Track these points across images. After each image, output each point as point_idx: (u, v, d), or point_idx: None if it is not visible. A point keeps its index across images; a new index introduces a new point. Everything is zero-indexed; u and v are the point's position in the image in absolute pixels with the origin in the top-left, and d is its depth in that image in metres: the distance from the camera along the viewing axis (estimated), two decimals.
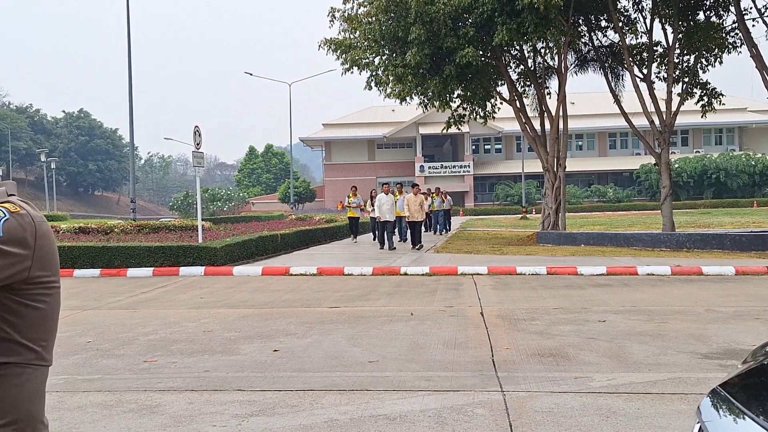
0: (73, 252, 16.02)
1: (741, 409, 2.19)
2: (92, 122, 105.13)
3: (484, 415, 5.01)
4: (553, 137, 23.27)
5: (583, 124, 64.64)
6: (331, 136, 71.19)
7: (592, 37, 23.66)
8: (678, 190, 56.00)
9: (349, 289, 12.19)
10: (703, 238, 17.98)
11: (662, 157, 21.19)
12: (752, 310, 9.18)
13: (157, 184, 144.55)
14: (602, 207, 58.12)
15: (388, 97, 23.12)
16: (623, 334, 7.77)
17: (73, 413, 5.33)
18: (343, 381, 6.03)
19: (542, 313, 9.25)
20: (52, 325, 1.79)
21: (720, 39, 21.81)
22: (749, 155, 59.25)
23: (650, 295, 10.88)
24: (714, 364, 6.32)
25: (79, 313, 10.30)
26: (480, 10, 19.05)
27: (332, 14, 22.14)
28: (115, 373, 6.56)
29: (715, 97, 22.43)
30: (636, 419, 4.83)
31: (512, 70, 24.87)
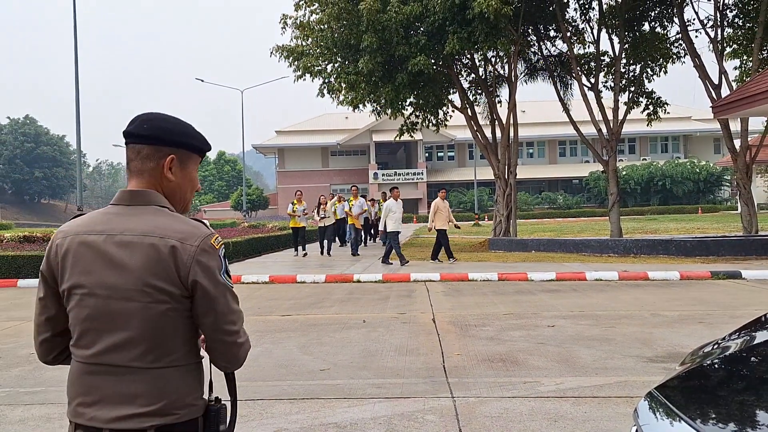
0: (17, 261, 15.67)
1: (676, 413, 2.24)
2: (38, 129, 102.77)
3: (435, 422, 5.03)
4: (504, 145, 23.52)
5: (534, 132, 65.43)
6: (284, 143, 70.80)
7: (542, 46, 23.99)
8: (625, 197, 57.01)
9: (301, 297, 12.14)
10: (650, 244, 18.36)
11: (610, 165, 21.57)
12: (696, 314, 9.40)
13: (106, 191, 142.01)
14: (553, 214, 58.89)
15: (341, 104, 23.12)
16: (572, 338, 7.89)
17: (15, 427, 5.20)
18: (294, 390, 6.00)
19: (493, 319, 9.34)
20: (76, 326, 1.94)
21: (665, 49, 22.33)
22: (694, 163, 60.67)
23: (598, 300, 11.07)
24: (659, 367, 6.45)
25: (22, 324, 10.05)
26: (431, 19, 19.18)
27: (284, 21, 22.07)
28: (59, 385, 6.39)
29: (660, 106, 22.92)
30: (583, 423, 4.91)
31: (464, 78, 25.07)
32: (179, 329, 1.90)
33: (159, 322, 1.87)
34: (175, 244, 1.87)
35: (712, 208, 55.71)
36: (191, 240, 1.90)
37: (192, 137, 2.06)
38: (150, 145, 1.99)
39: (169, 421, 1.85)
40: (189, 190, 2.09)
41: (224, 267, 1.94)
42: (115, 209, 1.97)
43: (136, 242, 1.88)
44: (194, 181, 2.10)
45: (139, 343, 1.86)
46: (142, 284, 1.86)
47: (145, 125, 2.01)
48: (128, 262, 1.87)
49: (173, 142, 2.01)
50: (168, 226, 1.91)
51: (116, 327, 1.87)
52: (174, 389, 1.88)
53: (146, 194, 1.98)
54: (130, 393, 1.85)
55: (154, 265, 1.86)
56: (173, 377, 1.89)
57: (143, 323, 1.86)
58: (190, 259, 1.87)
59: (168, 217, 1.95)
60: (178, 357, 1.90)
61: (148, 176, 2.00)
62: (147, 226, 1.90)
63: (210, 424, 1.94)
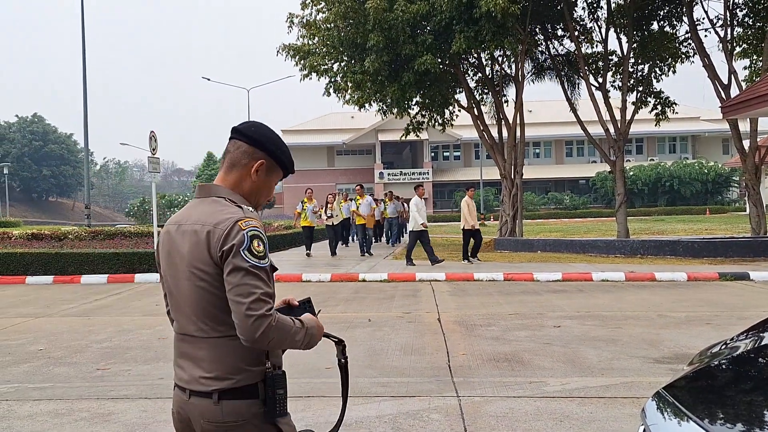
0: (26, 258, 15.72)
1: (685, 412, 2.23)
2: (46, 127, 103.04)
3: (440, 421, 5.03)
4: (511, 145, 23.48)
5: (540, 131, 65.27)
6: (290, 142, 70.68)
7: (549, 45, 23.93)
8: (633, 198, 56.81)
9: (307, 295, 12.12)
10: (657, 245, 18.30)
11: (617, 165, 21.52)
12: (703, 316, 9.37)
13: (113, 189, 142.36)
14: (559, 214, 58.78)
15: (347, 103, 23.12)
16: (578, 339, 7.87)
17: (23, 422, 5.22)
18: (299, 387, 6.00)
19: (498, 319, 9.33)
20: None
21: (673, 49, 22.25)
22: (702, 163, 60.44)
23: (604, 300, 11.04)
24: (665, 368, 6.43)
25: (31, 320, 10.09)
26: (438, 18, 19.16)
27: (290, 20, 22.06)
28: (67, 381, 6.45)
29: (669, 105, 22.85)
30: (589, 423, 4.90)
31: (470, 77, 25.03)
32: (223, 303, 2.11)
33: (205, 298, 2.14)
34: (210, 229, 2.14)
35: (720, 209, 55.47)
36: (222, 224, 2.13)
37: (284, 154, 2.36)
38: (250, 145, 2.29)
39: (228, 385, 2.12)
40: (263, 196, 2.37)
41: (246, 245, 2.09)
42: (191, 202, 2.33)
43: (188, 230, 2.20)
44: (270, 190, 2.39)
45: (196, 317, 2.17)
46: (190, 266, 2.17)
47: (253, 128, 2.34)
48: (182, 248, 2.20)
49: (269, 151, 2.31)
50: (210, 213, 2.18)
51: (182, 302, 2.22)
52: (230, 356, 2.14)
53: (210, 188, 2.31)
54: (198, 358, 2.17)
55: (194, 249, 2.16)
56: (228, 347, 2.14)
57: (194, 299, 2.17)
58: (218, 240, 2.11)
59: (216, 205, 2.22)
60: (229, 328, 2.11)
61: (237, 169, 2.30)
62: (199, 216, 2.21)
63: (268, 389, 2.15)
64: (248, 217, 2.16)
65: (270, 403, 2.15)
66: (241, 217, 2.14)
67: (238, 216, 2.14)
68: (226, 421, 2.12)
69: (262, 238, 2.14)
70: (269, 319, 2.06)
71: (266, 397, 2.15)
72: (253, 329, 2.04)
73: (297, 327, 2.16)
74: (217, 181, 2.33)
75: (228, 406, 2.12)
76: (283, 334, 2.10)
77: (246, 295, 2.05)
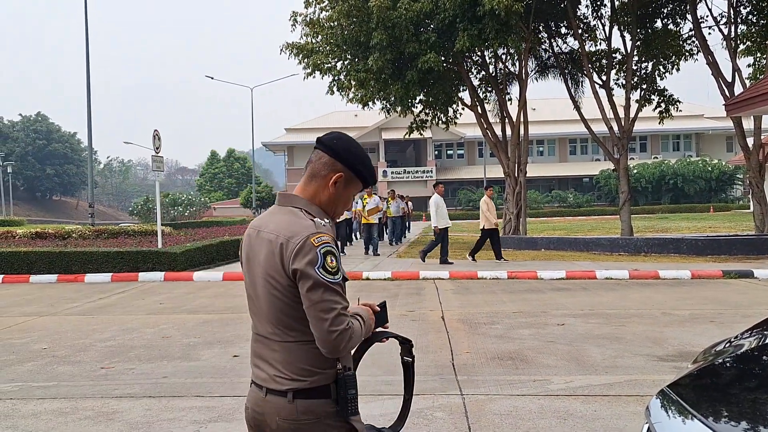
0: (30, 257, 15.75)
1: (689, 410, 2.22)
2: (50, 126, 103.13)
3: (444, 419, 5.03)
4: (514, 143, 23.46)
5: (544, 129, 65.18)
6: (293, 140, 70.83)
7: (553, 43, 23.91)
8: (636, 196, 56.73)
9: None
10: (661, 243, 18.28)
11: (621, 163, 21.49)
12: (707, 313, 9.36)
13: (116, 188, 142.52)
14: (563, 212, 58.65)
15: (351, 101, 23.12)
16: (581, 337, 7.86)
17: (27, 420, 5.23)
18: None
19: (502, 317, 9.32)
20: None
21: (677, 46, 22.21)
22: (706, 161, 60.28)
23: (608, 298, 11.03)
24: (669, 366, 6.43)
25: (35, 319, 10.11)
26: (441, 16, 19.14)
27: (294, 18, 22.06)
28: (71, 380, 6.46)
29: (673, 103, 22.80)
30: (593, 421, 4.90)
31: (474, 75, 25.00)
32: (294, 312, 2.21)
33: (278, 306, 2.23)
34: (283, 242, 2.20)
35: (723, 206, 55.33)
36: (295, 238, 2.18)
37: (364, 167, 2.39)
38: (331, 157, 2.35)
39: (302, 386, 2.21)
40: (341, 206, 2.41)
41: (320, 262, 2.15)
42: (271, 209, 2.40)
43: (265, 238, 2.27)
44: (348, 200, 2.43)
45: (270, 321, 2.26)
46: (265, 274, 2.24)
47: (335, 140, 2.39)
48: (259, 254, 2.28)
49: (348, 164, 2.35)
50: (286, 225, 2.24)
51: (258, 305, 2.31)
52: (302, 360, 2.22)
53: (289, 197, 2.37)
54: (274, 359, 2.26)
55: (269, 258, 2.23)
56: (301, 350, 2.22)
57: (268, 305, 2.25)
58: (291, 254, 2.17)
59: (292, 217, 2.27)
60: (300, 334, 2.21)
61: (316, 180, 2.35)
62: (275, 225, 2.27)
63: (340, 389, 2.23)
64: (320, 232, 2.20)
65: (342, 402, 2.23)
66: (313, 232, 2.19)
67: (310, 231, 2.20)
68: (300, 419, 2.21)
69: (334, 253, 2.21)
70: (349, 333, 2.17)
71: (338, 397, 2.23)
72: (336, 344, 2.14)
73: (361, 326, 2.29)
74: (297, 191, 2.38)
75: (302, 405, 2.21)
76: (356, 338, 2.23)
77: (327, 311, 2.14)
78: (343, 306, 2.18)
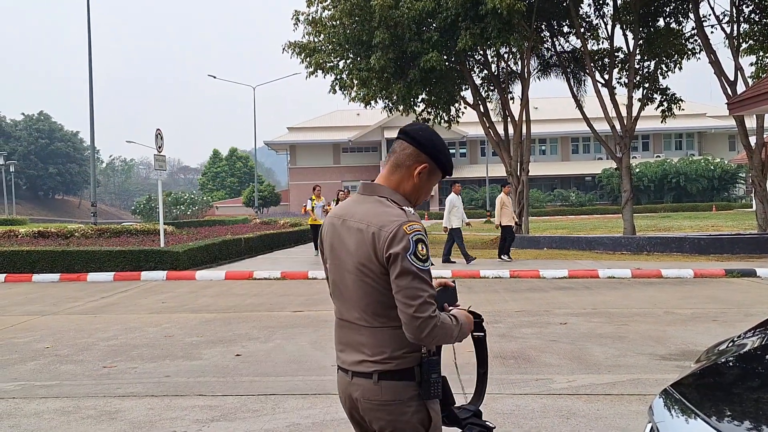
0: (32, 256, 15.76)
1: (693, 410, 2.22)
2: (52, 125, 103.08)
3: None
4: (517, 142, 23.45)
5: (546, 128, 65.13)
6: (296, 139, 70.86)
7: (555, 42, 23.89)
8: (639, 195, 56.62)
9: (313, 293, 12.14)
10: (663, 242, 18.25)
11: (623, 162, 21.46)
12: (710, 312, 9.35)
13: (119, 187, 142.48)
14: (565, 211, 58.59)
15: (353, 100, 23.09)
16: (584, 336, 7.86)
17: (30, 420, 5.24)
18: (306, 385, 6.01)
19: (505, 316, 9.31)
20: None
21: (679, 45, 22.17)
22: (708, 160, 60.18)
23: (611, 297, 11.02)
24: (672, 365, 6.42)
25: (38, 318, 10.12)
26: (444, 15, 19.13)
27: (296, 17, 22.06)
28: (74, 379, 6.46)
29: (675, 102, 22.76)
30: (595, 420, 4.89)
31: (476, 74, 24.99)
32: (385, 298, 2.29)
33: (368, 292, 2.31)
34: (375, 231, 2.28)
35: (726, 205, 55.24)
36: (387, 227, 2.26)
37: (446, 157, 2.47)
38: (415, 147, 2.41)
39: (387, 368, 2.30)
40: (423, 195, 2.48)
41: (412, 249, 2.23)
42: (355, 197, 2.48)
43: (353, 227, 2.35)
44: (430, 190, 2.51)
45: (358, 307, 2.35)
46: (356, 261, 2.32)
47: (420, 131, 2.45)
48: (348, 243, 2.35)
49: (432, 155, 2.42)
50: (376, 215, 2.32)
51: (345, 292, 2.39)
52: (388, 344, 2.31)
53: (374, 186, 2.44)
54: (360, 343, 2.35)
55: (361, 247, 2.31)
56: (387, 335, 2.31)
57: (358, 292, 2.34)
58: (383, 243, 2.25)
59: (381, 206, 2.35)
60: (388, 320, 2.30)
61: (401, 170, 2.42)
62: (363, 215, 2.35)
63: (424, 373, 2.30)
64: (412, 221, 2.28)
65: (425, 385, 2.30)
66: (405, 221, 2.27)
67: (402, 220, 2.27)
68: (383, 400, 2.30)
69: (425, 242, 2.28)
70: (434, 320, 2.22)
71: (422, 380, 2.30)
72: (420, 330, 2.21)
73: (454, 325, 2.32)
74: (380, 180, 2.45)
75: (386, 386, 2.30)
76: (445, 332, 2.27)
77: (413, 297, 2.21)
78: (430, 294, 2.24)
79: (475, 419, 2.52)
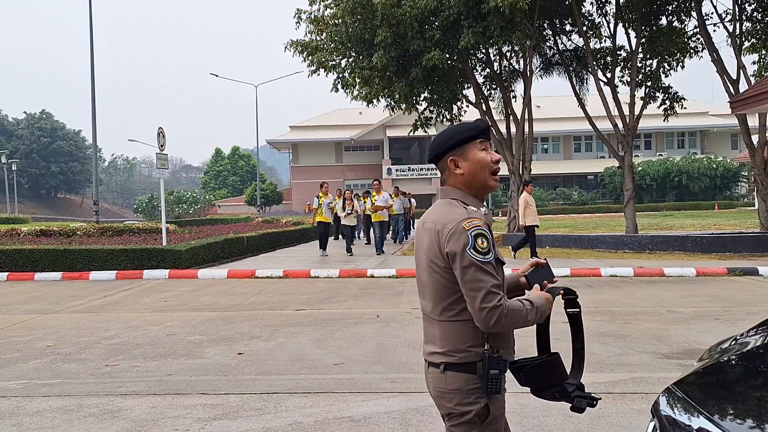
0: (34, 255, 15.77)
1: (696, 408, 2.21)
2: (55, 123, 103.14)
3: None
4: (519, 140, 23.43)
5: (549, 127, 65.10)
6: (298, 138, 70.87)
7: (557, 40, 23.85)
8: (641, 193, 56.57)
9: (315, 292, 12.15)
10: (666, 240, 18.24)
11: (625, 160, 21.43)
12: (712, 311, 9.33)
13: (121, 186, 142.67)
14: (567, 209, 58.54)
15: (355, 99, 23.05)
16: (586, 334, 7.78)
17: (32, 418, 5.24)
18: (308, 383, 6.01)
19: None
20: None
21: (682, 44, 22.12)
22: (711, 159, 60.10)
23: (613, 296, 11.01)
24: (674, 363, 6.41)
25: (40, 317, 10.13)
26: (446, 14, 19.10)
27: (298, 16, 22.04)
28: (76, 378, 6.47)
29: (677, 101, 22.72)
30: (598, 419, 4.89)
31: (478, 73, 24.96)
32: (451, 292, 2.46)
33: (436, 286, 2.49)
34: (440, 229, 2.46)
35: (728, 204, 55.19)
36: (449, 225, 2.43)
37: (454, 137, 2.59)
38: (436, 156, 2.63)
39: (452, 360, 2.47)
40: (479, 171, 2.58)
41: (471, 244, 2.38)
42: (436, 202, 2.66)
43: (427, 228, 2.54)
44: (482, 161, 2.58)
45: (430, 301, 2.54)
46: (427, 258, 2.51)
47: (429, 152, 2.67)
48: (423, 242, 2.55)
49: (443, 152, 2.60)
50: (443, 215, 2.51)
51: (422, 288, 2.59)
52: (454, 338, 2.47)
53: (445, 190, 2.64)
54: (433, 335, 2.55)
55: (431, 245, 2.49)
56: (454, 329, 2.47)
57: (430, 288, 2.52)
58: (445, 240, 2.42)
59: (448, 206, 2.54)
60: (456, 314, 2.46)
61: (449, 178, 2.62)
62: (435, 215, 2.54)
63: (485, 368, 2.44)
64: (471, 217, 2.43)
65: (484, 380, 2.44)
66: (465, 218, 2.43)
67: (462, 217, 2.43)
68: (447, 389, 2.48)
69: (485, 235, 2.41)
70: (500, 309, 2.35)
71: (483, 374, 2.44)
72: (487, 319, 2.35)
73: (527, 308, 2.45)
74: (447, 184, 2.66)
75: (451, 377, 2.47)
76: (515, 317, 2.40)
77: (477, 289, 2.35)
78: (494, 284, 2.36)
79: (579, 392, 2.83)
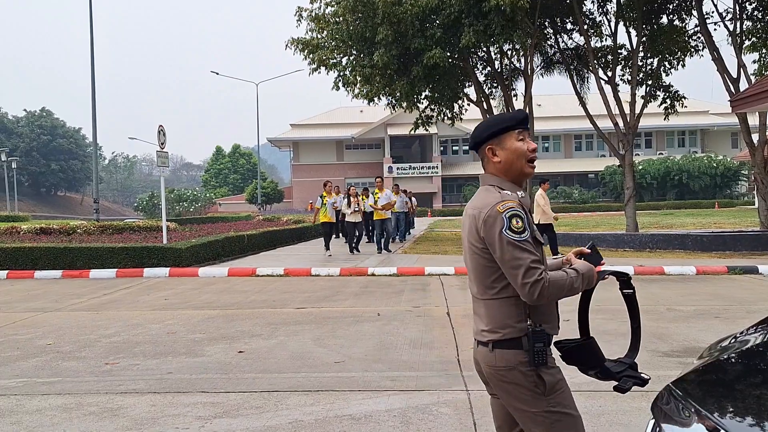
0: (34, 253, 15.78)
1: (695, 406, 2.22)
2: (55, 121, 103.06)
3: (449, 414, 5.02)
4: None
5: (550, 125, 65.13)
6: (299, 136, 70.86)
7: (558, 39, 23.84)
8: (642, 192, 56.59)
9: (316, 290, 12.15)
10: (666, 239, 18.24)
11: (626, 159, 21.43)
12: (712, 309, 9.33)
13: (121, 184, 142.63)
14: (568, 208, 58.51)
15: (356, 97, 23.02)
16: None
17: (32, 416, 5.24)
18: (309, 382, 6.02)
19: None
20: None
21: (683, 42, 22.11)
22: (711, 157, 60.11)
23: (613, 294, 10.93)
24: (674, 361, 6.42)
25: (40, 315, 10.13)
26: (447, 12, 19.10)
27: (299, 14, 22.02)
28: (76, 376, 6.47)
29: (678, 99, 22.71)
30: (598, 416, 4.89)
31: (479, 71, 24.95)
32: (490, 272, 2.60)
33: (478, 268, 2.64)
34: (476, 214, 2.61)
35: (728, 203, 55.17)
36: (485, 209, 2.58)
37: (492, 127, 2.72)
38: (476, 144, 2.77)
39: (497, 337, 2.59)
40: (516, 159, 2.70)
41: (506, 224, 2.51)
42: (478, 189, 2.76)
43: (469, 213, 2.69)
44: (518, 150, 2.69)
45: (475, 282, 2.70)
46: (469, 242, 2.67)
47: (470, 141, 2.85)
48: (466, 227, 2.70)
49: (482, 141, 2.74)
50: (480, 200, 2.65)
51: (469, 270, 2.73)
52: (498, 315, 2.60)
53: (483, 177, 2.77)
54: (480, 314, 2.69)
55: (471, 228, 2.65)
56: (497, 306, 2.60)
57: (473, 268, 2.68)
58: (482, 222, 2.57)
59: (485, 192, 2.68)
60: (497, 292, 2.60)
61: (488, 166, 2.74)
62: (475, 202, 2.69)
63: (530, 342, 2.55)
64: (506, 200, 2.56)
65: (530, 354, 2.55)
66: (499, 201, 2.56)
67: (497, 200, 2.57)
68: (498, 366, 2.59)
69: (520, 215, 2.53)
70: (542, 282, 2.47)
71: (529, 349, 2.55)
72: (531, 294, 2.47)
73: (572, 277, 2.61)
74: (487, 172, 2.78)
75: (500, 354, 2.58)
76: (559, 288, 2.55)
77: (517, 267, 2.47)
78: (533, 260, 2.48)
79: (631, 371, 2.96)
